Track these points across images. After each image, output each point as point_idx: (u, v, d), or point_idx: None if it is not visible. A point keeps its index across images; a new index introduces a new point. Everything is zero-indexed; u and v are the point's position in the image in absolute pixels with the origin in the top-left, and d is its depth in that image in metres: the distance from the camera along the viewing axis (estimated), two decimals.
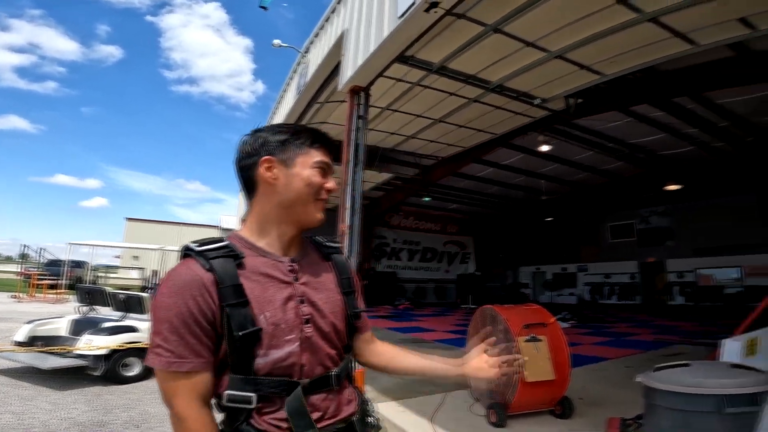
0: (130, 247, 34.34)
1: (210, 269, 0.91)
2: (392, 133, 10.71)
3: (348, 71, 6.35)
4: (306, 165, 1.01)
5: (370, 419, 1.11)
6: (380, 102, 8.71)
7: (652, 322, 12.53)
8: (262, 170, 0.99)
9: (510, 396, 3.63)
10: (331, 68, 7.66)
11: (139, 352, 5.15)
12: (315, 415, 0.96)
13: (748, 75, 7.29)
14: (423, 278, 22.36)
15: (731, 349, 3.16)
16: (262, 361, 0.92)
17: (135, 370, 5.13)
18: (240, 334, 0.89)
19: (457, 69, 7.04)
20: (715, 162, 13.12)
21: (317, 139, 1.05)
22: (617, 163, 13.72)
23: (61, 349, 4.96)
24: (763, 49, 6.83)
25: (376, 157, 12.26)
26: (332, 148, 1.08)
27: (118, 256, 40.02)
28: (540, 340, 3.72)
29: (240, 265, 0.95)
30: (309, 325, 0.99)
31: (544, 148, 11.39)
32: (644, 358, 7.00)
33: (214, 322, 0.90)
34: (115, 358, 4.93)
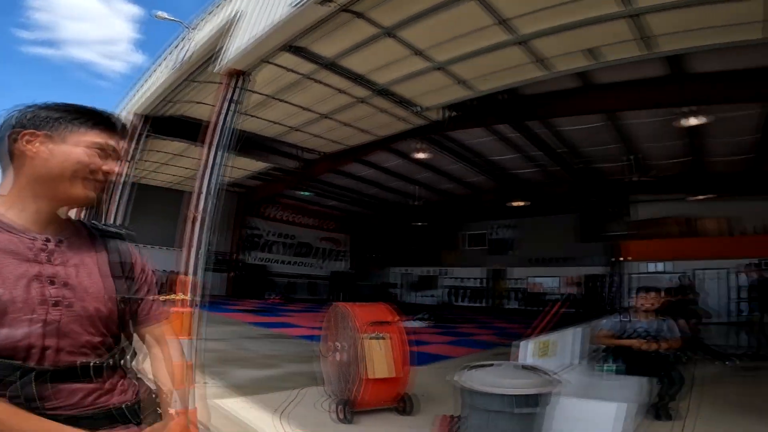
0: None
1: None
2: (276, 123, 10.37)
3: (230, 53, 6.04)
4: (79, 144, 0.97)
5: (144, 411, 1.05)
6: (266, 89, 8.38)
7: (492, 323, 14.14)
8: (21, 143, 0.94)
9: (356, 392, 3.68)
10: (215, 48, 7.15)
11: None
12: (56, 403, 0.89)
13: (586, 105, 8.88)
14: (296, 273, 21.99)
15: (526, 350, 3.42)
16: None
17: None
18: None
19: (348, 67, 7.17)
20: (551, 183, 15.76)
21: (101, 121, 1.02)
22: (479, 176, 15.47)
23: None
24: (601, 82, 8.44)
25: (254, 145, 11.74)
26: (123, 134, 1.06)
27: None
28: (383, 338, 3.81)
29: None
30: (58, 308, 0.92)
31: (420, 155, 12.24)
32: (481, 356, 7.52)
33: None
34: None
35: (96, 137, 0.99)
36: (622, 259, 16.45)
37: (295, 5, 4.88)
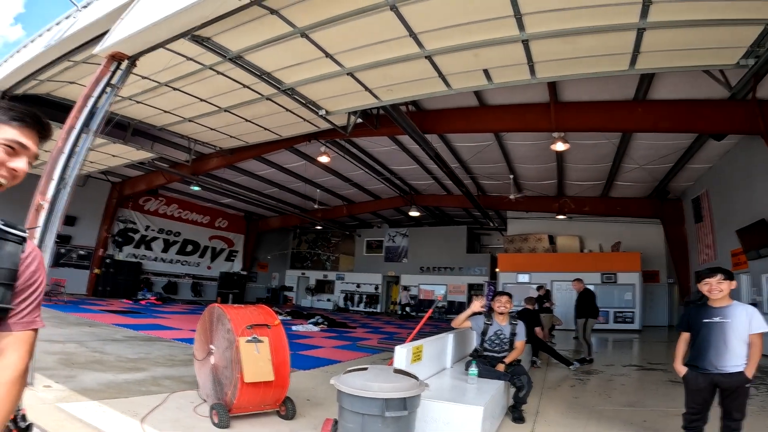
0: None
1: None
2: (167, 112, 9.48)
3: (115, 35, 5.43)
4: None
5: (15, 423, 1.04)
6: (160, 77, 7.65)
7: (382, 328, 14.58)
8: None
9: (232, 396, 3.56)
10: (104, 30, 6.33)
11: None
12: None
13: (480, 123, 9.71)
14: (178, 272, 20.14)
15: (401, 355, 3.55)
16: None
17: None
18: None
19: (254, 62, 6.87)
20: (444, 196, 16.95)
21: (17, 116, 0.98)
22: (379, 184, 15.97)
23: None
24: (495, 104, 9.33)
25: (135, 132, 10.61)
26: (41, 132, 1.02)
27: None
28: (261, 341, 3.72)
29: None
30: None
31: (323, 159, 12.22)
32: (367, 361, 7.75)
33: None
34: None
35: (10, 133, 0.95)
36: (497, 269, 18.37)
37: None
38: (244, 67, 6.85)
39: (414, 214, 18.87)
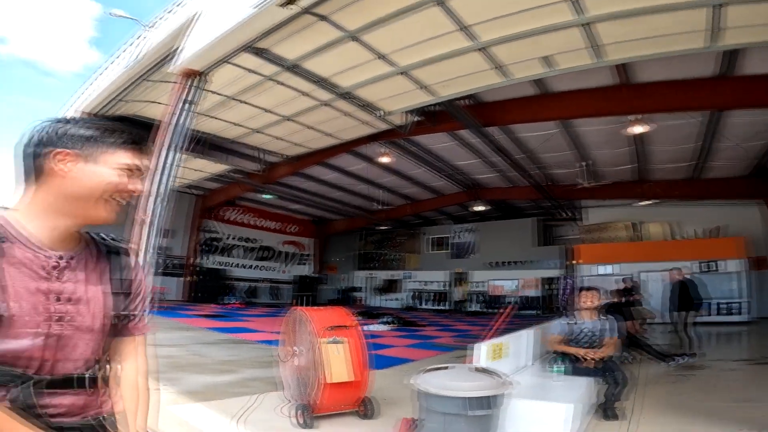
0: None
1: None
2: (236, 125, 10.15)
3: (187, 52, 5.88)
4: (109, 164, 0.98)
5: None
6: (227, 90, 8.21)
7: (453, 326, 14.30)
8: (52, 161, 0.94)
9: (316, 397, 3.67)
10: (173, 48, 6.93)
11: None
12: (49, 410, 0.93)
13: (542, 112, 9.24)
14: (257, 277, 21.49)
15: (480, 353, 3.47)
16: None
17: None
18: None
19: (311, 70, 7.13)
20: (510, 189, 16.30)
21: (130, 140, 1.02)
22: (441, 181, 15.77)
23: None
24: (556, 90, 8.84)
25: (212, 147, 11.44)
26: (149, 151, 1.08)
27: None
28: (341, 342, 3.80)
29: None
30: (61, 323, 0.94)
31: (384, 159, 12.33)
32: (442, 359, 7.56)
33: None
34: None
35: (124, 157, 1.00)
36: (574, 262, 17.25)
37: (257, 6, 4.82)
38: (301, 75, 7.12)
39: (479, 208, 18.37)
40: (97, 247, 1.08)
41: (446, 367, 2.92)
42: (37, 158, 0.95)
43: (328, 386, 3.61)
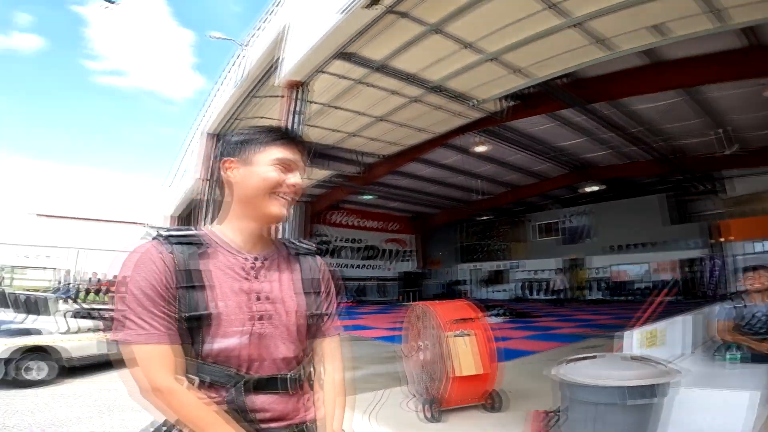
0: (39, 246, 30.90)
1: (170, 252, 0.95)
2: (334, 131, 10.64)
3: (287, 65, 6.25)
4: (263, 162, 1.03)
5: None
6: (321, 98, 8.63)
7: (573, 316, 13.36)
8: (224, 171, 1.05)
9: (443, 391, 3.66)
10: (271, 62, 7.48)
11: (45, 354, 4.93)
12: (258, 414, 0.96)
13: (658, 82, 8.11)
14: (365, 276, 22.43)
15: (632, 340, 3.26)
16: (207, 348, 0.94)
17: (41, 374, 4.88)
18: (186, 315, 0.92)
19: (398, 68, 7.15)
20: (628, 165, 14.53)
21: (278, 136, 1.06)
22: (545, 164, 14.70)
23: None
24: (672, 58, 7.70)
25: (315, 154, 12.13)
26: (300, 144, 1.09)
27: (27, 255, 35.89)
28: (468, 335, 3.75)
29: (203, 255, 0.99)
30: (262, 321, 0.99)
31: (480, 148, 11.90)
32: (568, 350, 7.33)
33: (170, 300, 0.93)
34: (17, 361, 4.69)
35: (275, 153, 1.04)
36: (721, 239, 14.69)
37: (343, 11, 4.94)
38: (389, 74, 7.18)
39: (591, 189, 16.73)
40: (287, 250, 1.13)
41: (593, 356, 2.75)
42: (216, 172, 1.08)
43: (456, 380, 3.59)
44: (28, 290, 7.24)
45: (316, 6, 5.70)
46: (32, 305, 5.67)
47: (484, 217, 23.32)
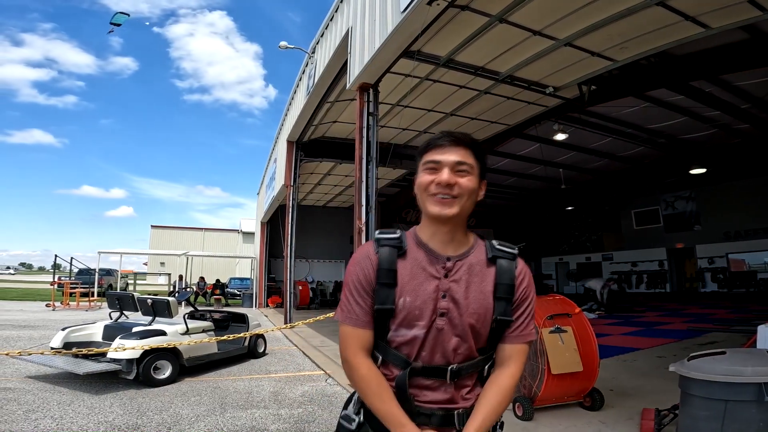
0: (155, 254, 35.31)
1: (377, 252, 1.13)
2: (404, 129, 10.72)
3: (355, 69, 6.38)
4: (420, 170, 1.15)
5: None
6: (390, 98, 8.73)
7: (683, 310, 12.17)
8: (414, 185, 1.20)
9: (536, 388, 3.57)
10: (339, 67, 7.71)
11: (169, 355, 5.25)
12: (419, 396, 1.10)
13: (762, 57, 7.03)
14: None
15: (767, 335, 2.98)
16: (392, 335, 1.11)
17: (166, 373, 5.20)
18: (377, 307, 1.10)
19: (464, 61, 7.00)
20: (740, 144, 12.67)
21: (427, 144, 1.16)
22: (637, 148, 13.38)
23: (96, 351, 5.06)
24: None
25: (388, 154, 12.30)
26: (445, 142, 1.13)
27: (145, 263, 41.24)
28: (565, 331, 3.63)
29: (402, 255, 1.13)
30: (443, 318, 1.08)
31: (560, 136, 11.19)
32: (678, 347, 6.83)
33: (371, 292, 1.11)
34: (147, 361, 5.03)
35: (426, 158, 1.14)
36: None
37: (405, 10, 4.96)
38: (456, 68, 7.05)
39: (697, 171, 14.85)
40: (485, 253, 1.16)
41: (722, 352, 2.61)
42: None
43: (552, 377, 3.50)
44: (151, 294, 7.84)
45: (375, 8, 5.77)
46: (157, 308, 6.00)
47: (569, 208, 21.85)
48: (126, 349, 4.97)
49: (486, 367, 1.15)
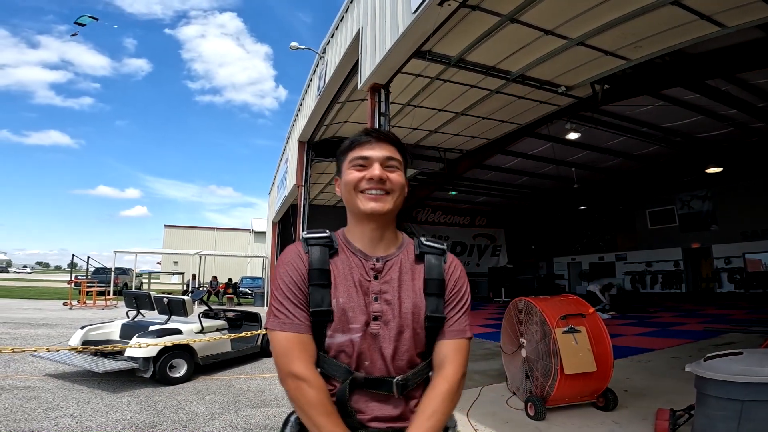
0: (170, 253, 35.83)
1: (307, 252, 1.06)
2: (415, 129, 10.70)
3: (366, 69, 6.39)
4: (345, 168, 1.11)
5: None
6: (401, 98, 8.72)
7: (699, 311, 11.99)
8: (337, 189, 1.16)
9: (549, 389, 3.56)
10: (350, 67, 7.72)
11: (185, 353, 5.33)
12: (360, 414, 0.99)
13: None
14: None
15: None
16: (328, 341, 1.02)
17: (182, 371, 5.28)
18: (313, 310, 1.01)
19: (475, 61, 6.97)
20: (757, 142, 12.42)
21: (351, 142, 1.13)
22: (651, 147, 13.20)
23: (113, 347, 5.15)
24: None
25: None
26: (373, 141, 1.10)
27: (159, 262, 41.86)
28: (579, 331, 3.61)
29: (333, 255, 1.07)
30: (377, 322, 1.02)
31: (572, 135, 11.09)
32: (694, 348, 6.75)
33: (306, 294, 1.03)
34: (163, 360, 5.09)
35: (352, 155, 1.10)
36: None
37: (416, 11, 4.96)
38: (467, 68, 7.02)
39: (714, 170, 14.57)
40: (415, 250, 1.13)
41: (739, 353, 2.62)
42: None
43: (565, 377, 3.50)
44: (165, 293, 7.92)
45: (386, 9, 5.77)
46: (172, 306, 6.09)
47: (582, 207, 21.61)
48: (144, 346, 5.03)
49: (430, 373, 1.07)
